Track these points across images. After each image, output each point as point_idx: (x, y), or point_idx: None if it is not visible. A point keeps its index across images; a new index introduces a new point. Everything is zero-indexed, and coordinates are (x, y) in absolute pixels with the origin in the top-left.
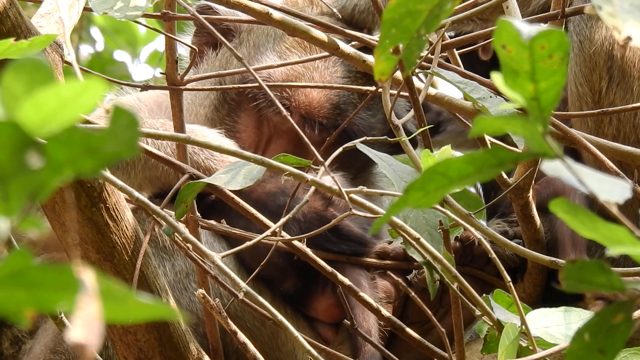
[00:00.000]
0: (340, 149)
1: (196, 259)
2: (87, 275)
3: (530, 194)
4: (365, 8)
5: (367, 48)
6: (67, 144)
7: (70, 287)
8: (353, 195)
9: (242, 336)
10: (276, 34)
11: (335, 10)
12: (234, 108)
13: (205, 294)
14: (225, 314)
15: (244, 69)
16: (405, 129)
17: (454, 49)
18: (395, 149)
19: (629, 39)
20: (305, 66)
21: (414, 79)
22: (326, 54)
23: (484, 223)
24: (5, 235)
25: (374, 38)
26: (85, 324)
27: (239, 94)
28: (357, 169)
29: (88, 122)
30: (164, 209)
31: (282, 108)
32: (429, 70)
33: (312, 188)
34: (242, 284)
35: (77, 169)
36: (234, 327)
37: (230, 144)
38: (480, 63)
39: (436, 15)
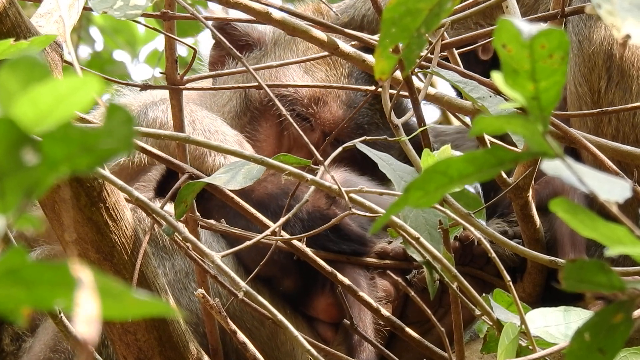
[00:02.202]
0: (339, 149)
1: (196, 259)
2: (85, 272)
3: (530, 193)
4: (374, 18)
5: (367, 48)
6: (63, 140)
7: (67, 284)
8: (353, 195)
9: (241, 336)
10: (299, 48)
11: (340, 17)
12: (256, 117)
13: (205, 294)
14: (225, 313)
15: (243, 68)
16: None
17: (454, 49)
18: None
19: (628, 37)
20: (332, 83)
21: (414, 78)
22: (326, 53)
23: (483, 223)
24: (2, 232)
25: (374, 38)
26: (85, 320)
27: (263, 104)
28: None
29: (84, 119)
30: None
31: (281, 108)
32: (428, 70)
33: (312, 188)
34: (242, 284)
35: (73, 166)
36: (233, 326)
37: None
38: (478, 64)
39: (436, 14)
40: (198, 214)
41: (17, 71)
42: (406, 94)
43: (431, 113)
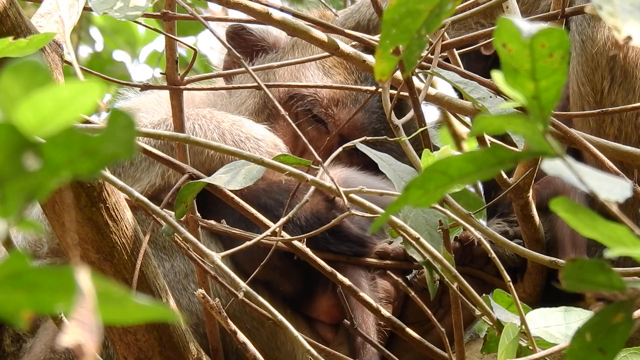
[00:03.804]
0: (339, 149)
1: (196, 258)
2: (83, 277)
3: (530, 193)
4: (379, 22)
5: (368, 49)
6: (64, 145)
7: (69, 289)
8: (353, 195)
9: (241, 336)
10: (316, 50)
11: (345, 22)
12: (273, 115)
13: (205, 294)
14: (225, 314)
15: (243, 69)
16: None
17: (454, 49)
18: None
19: (629, 38)
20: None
21: (414, 79)
22: (326, 54)
23: (484, 223)
24: (4, 236)
25: (374, 38)
26: (81, 326)
27: (280, 103)
28: None
29: (87, 121)
30: (164, 209)
31: (280, 107)
32: (428, 70)
33: (312, 188)
34: (242, 284)
35: (75, 170)
36: (233, 327)
37: (273, 137)
38: (480, 60)
39: (437, 15)
40: (198, 214)
41: (19, 76)
42: (406, 94)
43: (431, 114)
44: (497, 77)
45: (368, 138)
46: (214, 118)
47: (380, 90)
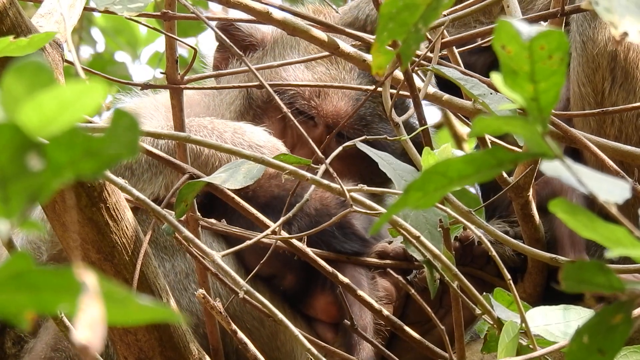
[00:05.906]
0: (339, 148)
1: (196, 255)
2: (89, 277)
3: (530, 192)
4: (377, 18)
5: (368, 48)
6: (67, 146)
7: (71, 289)
8: (354, 194)
9: (242, 336)
10: (300, 45)
11: (343, 16)
12: (259, 115)
13: (206, 294)
14: (226, 313)
15: (245, 68)
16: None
17: (454, 47)
18: None
19: (625, 34)
20: (333, 77)
21: (414, 77)
22: (326, 53)
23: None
24: (6, 237)
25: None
26: (88, 325)
27: (266, 102)
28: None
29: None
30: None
31: (282, 104)
32: (429, 67)
33: (313, 186)
34: (242, 283)
35: (78, 171)
36: (234, 327)
37: (275, 141)
38: (472, 53)
39: (434, 9)
40: (199, 213)
41: (23, 76)
42: (407, 93)
43: (432, 114)
44: (496, 78)
45: (369, 137)
46: (216, 128)
47: (380, 89)
